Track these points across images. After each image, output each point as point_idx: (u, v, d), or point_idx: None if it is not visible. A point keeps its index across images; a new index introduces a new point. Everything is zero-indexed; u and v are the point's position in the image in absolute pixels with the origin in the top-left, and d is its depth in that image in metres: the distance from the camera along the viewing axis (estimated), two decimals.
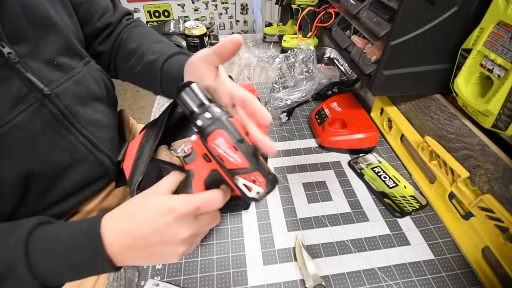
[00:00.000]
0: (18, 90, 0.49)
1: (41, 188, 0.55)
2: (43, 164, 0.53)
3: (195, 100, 0.42)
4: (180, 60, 0.57)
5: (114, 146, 0.70)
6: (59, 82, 0.56)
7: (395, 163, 0.75)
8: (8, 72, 0.48)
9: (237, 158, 0.40)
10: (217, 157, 0.41)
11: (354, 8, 0.69)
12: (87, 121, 0.61)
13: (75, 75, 0.59)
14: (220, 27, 3.28)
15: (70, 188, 0.61)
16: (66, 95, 0.56)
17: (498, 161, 0.49)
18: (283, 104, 0.87)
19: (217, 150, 0.40)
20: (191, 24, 0.99)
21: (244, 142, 0.41)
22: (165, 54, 0.59)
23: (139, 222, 0.40)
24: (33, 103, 0.51)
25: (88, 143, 0.61)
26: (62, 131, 0.56)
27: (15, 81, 0.49)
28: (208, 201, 0.41)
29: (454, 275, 0.53)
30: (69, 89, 0.58)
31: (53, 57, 0.55)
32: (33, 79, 0.50)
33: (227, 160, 0.40)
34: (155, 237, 0.39)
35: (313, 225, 0.61)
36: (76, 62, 0.61)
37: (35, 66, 0.52)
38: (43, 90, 0.51)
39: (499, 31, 0.45)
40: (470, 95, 0.51)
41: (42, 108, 0.52)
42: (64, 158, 0.57)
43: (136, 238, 0.39)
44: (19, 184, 0.51)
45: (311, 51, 0.95)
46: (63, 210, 0.62)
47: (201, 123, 0.41)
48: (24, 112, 0.49)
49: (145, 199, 0.42)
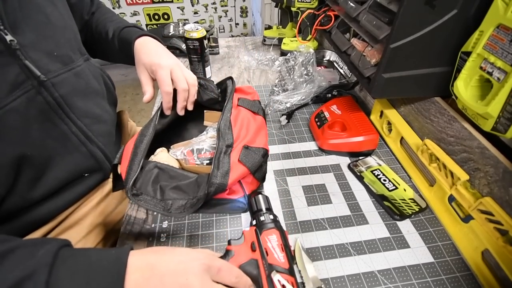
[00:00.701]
0: (16, 76, 0.51)
1: (33, 175, 0.56)
2: (35, 150, 0.55)
3: (265, 204, 0.57)
4: (129, 32, 0.74)
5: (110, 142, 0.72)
6: (58, 73, 0.58)
7: (395, 166, 0.75)
8: (7, 59, 0.50)
9: (281, 257, 0.48)
10: (263, 249, 0.48)
11: (354, 11, 0.69)
12: (83, 113, 0.63)
13: (74, 67, 0.63)
14: (219, 30, 3.29)
15: (62, 179, 0.61)
16: (63, 85, 0.59)
17: (497, 164, 0.49)
18: (282, 107, 0.87)
19: (267, 244, 0.49)
20: (191, 27, 0.99)
21: (289, 248, 0.51)
22: (119, 28, 0.75)
23: (164, 259, 0.41)
24: (29, 90, 0.53)
25: (81, 134, 0.62)
26: (56, 120, 0.58)
27: (14, 67, 0.51)
28: (232, 270, 0.43)
29: (454, 278, 0.53)
30: (67, 80, 0.60)
31: (53, 49, 0.58)
32: (31, 66, 0.52)
33: (271, 255, 0.48)
34: (171, 278, 0.39)
35: (312, 228, 0.61)
36: (76, 57, 0.64)
37: (35, 56, 0.54)
38: (39, 78, 0.53)
39: (499, 34, 0.45)
40: (470, 98, 0.51)
41: (38, 96, 0.55)
42: (55, 146, 0.59)
43: (154, 274, 0.39)
44: (12, 167, 0.52)
45: (311, 54, 0.96)
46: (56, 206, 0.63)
47: (263, 219, 0.53)
48: (20, 98, 0.52)
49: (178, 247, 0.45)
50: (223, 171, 0.55)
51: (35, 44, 0.55)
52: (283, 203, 0.66)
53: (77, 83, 0.63)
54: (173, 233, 0.60)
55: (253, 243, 0.50)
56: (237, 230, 0.61)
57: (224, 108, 0.66)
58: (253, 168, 0.59)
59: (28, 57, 0.53)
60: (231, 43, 1.41)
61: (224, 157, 0.57)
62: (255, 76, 1.15)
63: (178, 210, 0.54)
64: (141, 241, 0.59)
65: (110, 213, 0.73)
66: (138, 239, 0.60)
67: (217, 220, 0.63)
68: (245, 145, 0.60)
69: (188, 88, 0.67)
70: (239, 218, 0.63)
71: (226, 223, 0.62)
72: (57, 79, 0.58)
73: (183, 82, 0.66)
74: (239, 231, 0.61)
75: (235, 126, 0.64)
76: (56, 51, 0.59)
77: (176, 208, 0.54)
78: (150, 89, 0.68)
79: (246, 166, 0.58)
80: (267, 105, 0.87)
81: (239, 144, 0.60)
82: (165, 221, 0.62)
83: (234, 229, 0.61)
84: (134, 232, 0.61)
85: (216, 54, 1.30)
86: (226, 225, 0.62)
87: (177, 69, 0.67)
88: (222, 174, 0.54)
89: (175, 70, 0.66)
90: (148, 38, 0.74)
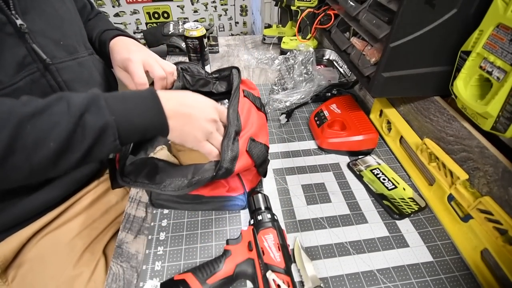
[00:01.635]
0: (23, 58, 0.55)
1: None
2: None
3: (264, 203, 0.58)
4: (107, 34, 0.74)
5: None
6: (62, 60, 0.62)
7: (394, 165, 0.75)
8: (16, 41, 0.54)
9: (277, 257, 0.49)
10: (260, 248, 0.49)
11: (354, 10, 0.69)
12: None
13: (79, 57, 0.66)
14: (219, 29, 3.28)
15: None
16: (66, 71, 0.62)
17: (497, 163, 0.49)
18: (282, 106, 0.87)
19: (263, 243, 0.50)
20: (191, 25, 0.99)
21: (287, 248, 0.51)
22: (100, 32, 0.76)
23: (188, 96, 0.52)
24: (33, 72, 0.57)
25: None
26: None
27: (21, 49, 0.55)
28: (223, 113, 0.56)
29: (453, 277, 0.53)
30: (71, 68, 0.63)
31: (60, 38, 0.62)
32: (38, 50, 0.56)
33: (267, 254, 0.49)
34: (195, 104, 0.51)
35: (312, 227, 0.61)
36: (81, 49, 0.68)
37: (42, 42, 0.58)
38: (45, 61, 0.57)
39: (499, 33, 0.45)
40: (469, 97, 0.51)
41: (42, 79, 0.58)
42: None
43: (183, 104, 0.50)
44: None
45: (311, 53, 0.95)
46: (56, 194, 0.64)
47: (261, 218, 0.54)
48: (25, 79, 0.55)
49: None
50: (232, 155, 0.53)
51: (43, 31, 0.58)
52: (282, 202, 0.66)
53: (81, 72, 0.65)
54: (172, 231, 0.60)
55: (249, 243, 0.50)
56: (236, 228, 0.61)
57: (233, 95, 0.63)
58: (258, 161, 0.58)
59: (36, 41, 0.56)
60: (231, 42, 1.41)
61: (234, 142, 0.56)
62: (254, 74, 1.15)
63: (172, 188, 0.52)
64: (140, 240, 0.59)
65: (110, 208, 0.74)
66: (137, 237, 0.60)
67: (216, 219, 0.63)
68: (251, 137, 0.59)
69: (165, 76, 0.67)
70: (239, 217, 0.63)
71: (225, 221, 0.62)
72: (62, 65, 0.61)
73: (159, 70, 0.66)
74: (238, 229, 0.61)
75: (242, 115, 0.62)
76: (62, 41, 0.62)
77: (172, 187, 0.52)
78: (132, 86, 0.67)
79: (252, 157, 0.57)
80: (267, 104, 0.87)
81: (245, 134, 0.59)
82: (164, 220, 0.62)
83: (233, 227, 0.61)
84: (133, 230, 0.61)
85: (216, 53, 1.30)
86: (225, 224, 0.62)
87: (149, 59, 0.66)
88: (230, 159, 0.53)
89: (148, 61, 0.66)
90: (121, 37, 0.73)
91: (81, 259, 0.65)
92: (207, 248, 0.58)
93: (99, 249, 0.69)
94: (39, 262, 0.62)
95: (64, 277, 0.62)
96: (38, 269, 0.62)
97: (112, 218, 0.74)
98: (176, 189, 0.52)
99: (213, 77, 0.74)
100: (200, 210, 0.64)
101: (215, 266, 0.49)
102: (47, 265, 0.62)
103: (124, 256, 0.57)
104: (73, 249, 0.65)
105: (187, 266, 0.55)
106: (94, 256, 0.66)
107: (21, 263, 0.62)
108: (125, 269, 0.55)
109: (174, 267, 0.55)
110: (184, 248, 0.58)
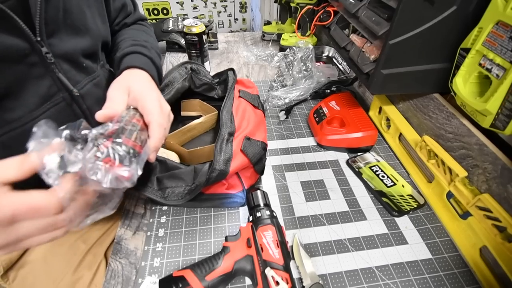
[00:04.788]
0: (48, 89, 0.51)
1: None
2: None
3: (263, 200, 0.58)
4: (128, 61, 0.61)
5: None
6: (83, 84, 0.57)
7: (393, 162, 0.75)
8: (41, 71, 0.49)
9: (276, 253, 0.49)
10: (259, 245, 0.49)
11: (353, 7, 0.68)
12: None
13: (95, 78, 0.61)
14: (219, 25, 3.27)
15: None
16: (89, 96, 0.58)
17: (496, 161, 0.49)
18: (281, 103, 0.87)
19: (262, 240, 0.50)
20: (190, 22, 0.99)
21: (285, 245, 0.51)
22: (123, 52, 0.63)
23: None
24: (59, 102, 0.53)
25: None
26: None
27: (47, 79, 0.50)
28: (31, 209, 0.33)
29: (452, 275, 0.53)
30: (91, 91, 0.59)
31: (78, 58, 0.57)
32: (64, 79, 0.52)
33: (266, 251, 0.49)
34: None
35: (311, 223, 0.61)
36: (96, 65, 0.63)
37: (65, 67, 0.53)
38: (72, 92, 0.54)
39: (498, 31, 0.45)
40: (469, 95, 0.50)
41: (67, 108, 0.54)
42: None
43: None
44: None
45: (310, 49, 0.95)
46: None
47: (260, 215, 0.54)
48: (50, 111, 0.52)
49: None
50: (225, 157, 0.54)
51: (68, 54, 0.53)
52: (281, 199, 0.66)
53: (98, 93, 0.61)
54: (171, 228, 0.60)
55: (248, 239, 0.51)
56: (235, 225, 0.61)
57: (227, 97, 0.65)
58: (254, 159, 0.59)
59: (61, 69, 0.52)
60: (230, 39, 1.40)
61: (227, 144, 0.56)
62: (254, 71, 1.15)
63: (175, 197, 0.54)
64: (139, 236, 0.59)
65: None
66: (136, 233, 0.60)
67: (215, 215, 0.63)
68: (246, 136, 0.60)
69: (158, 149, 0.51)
70: (237, 213, 0.63)
71: (224, 218, 0.62)
72: (84, 90, 0.57)
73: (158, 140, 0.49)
74: (237, 226, 0.61)
75: (236, 116, 0.63)
76: (81, 61, 0.57)
77: (174, 195, 0.54)
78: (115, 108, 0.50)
79: (247, 156, 0.57)
80: (266, 101, 0.87)
81: (240, 134, 0.60)
82: (163, 216, 0.62)
83: (232, 224, 0.61)
84: (132, 226, 0.61)
85: (215, 50, 1.29)
86: (224, 220, 0.62)
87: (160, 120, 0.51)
88: (224, 161, 0.54)
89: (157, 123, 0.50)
90: (137, 76, 0.59)
91: (83, 262, 0.65)
92: (206, 245, 0.58)
93: (101, 251, 0.69)
94: (41, 264, 0.62)
95: (65, 280, 0.62)
96: (39, 270, 0.62)
97: (114, 219, 0.74)
98: (179, 198, 0.54)
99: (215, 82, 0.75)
100: (199, 207, 0.64)
101: (214, 262, 0.49)
102: (48, 267, 0.62)
103: (123, 253, 0.57)
104: (76, 252, 0.65)
105: (186, 262, 0.55)
106: (96, 259, 0.67)
107: (23, 264, 0.62)
108: (124, 265, 0.55)
109: (173, 264, 0.55)
110: (183, 244, 0.58)
